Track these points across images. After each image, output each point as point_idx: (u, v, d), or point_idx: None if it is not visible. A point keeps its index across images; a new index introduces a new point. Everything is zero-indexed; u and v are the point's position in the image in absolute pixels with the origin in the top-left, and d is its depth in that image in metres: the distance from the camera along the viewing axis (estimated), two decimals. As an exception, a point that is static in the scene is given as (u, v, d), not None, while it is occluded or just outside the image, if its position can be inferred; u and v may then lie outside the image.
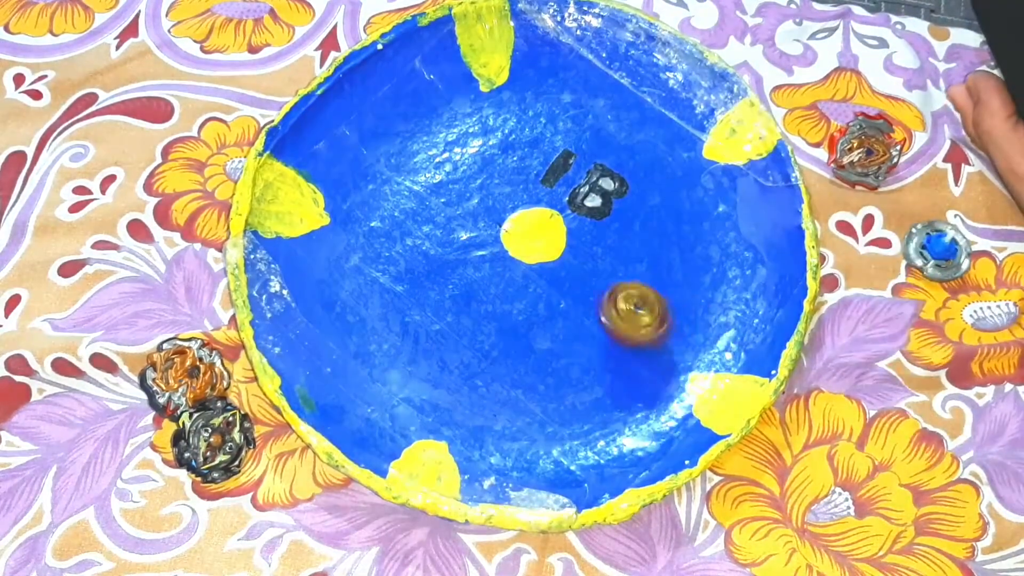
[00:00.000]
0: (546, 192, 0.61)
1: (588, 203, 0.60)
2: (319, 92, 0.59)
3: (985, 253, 0.60)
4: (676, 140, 0.61)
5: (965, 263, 0.59)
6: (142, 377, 0.54)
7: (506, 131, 0.62)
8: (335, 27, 0.67)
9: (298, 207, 0.58)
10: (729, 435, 0.51)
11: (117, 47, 0.66)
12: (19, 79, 0.64)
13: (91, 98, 0.64)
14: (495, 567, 0.51)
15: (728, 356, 0.55)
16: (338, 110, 0.60)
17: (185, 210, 0.60)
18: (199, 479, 0.52)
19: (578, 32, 0.63)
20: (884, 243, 0.60)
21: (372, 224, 0.59)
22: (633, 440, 0.53)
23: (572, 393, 0.55)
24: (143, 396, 0.54)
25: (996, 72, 0.64)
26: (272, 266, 0.56)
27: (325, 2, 0.68)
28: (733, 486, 0.53)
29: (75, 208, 0.60)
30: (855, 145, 0.61)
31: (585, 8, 0.62)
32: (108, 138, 0.62)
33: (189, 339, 0.55)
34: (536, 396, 0.55)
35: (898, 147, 0.61)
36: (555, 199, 0.61)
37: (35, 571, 0.50)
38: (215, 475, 0.52)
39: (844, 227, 0.61)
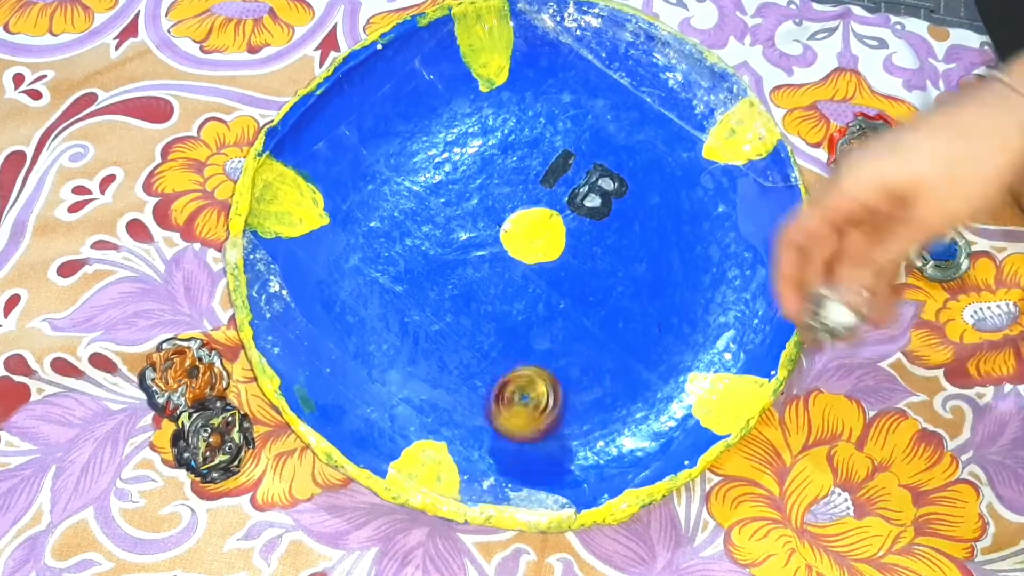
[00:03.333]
0: (546, 192, 0.61)
1: (588, 203, 0.60)
2: (319, 92, 0.59)
3: (985, 253, 0.60)
4: (676, 140, 0.61)
5: (965, 263, 0.59)
6: (141, 377, 0.54)
7: (506, 131, 0.62)
8: (335, 27, 0.67)
9: (297, 207, 0.58)
10: (728, 435, 0.51)
11: (117, 47, 0.66)
12: (19, 79, 0.64)
13: (91, 98, 0.64)
14: (494, 567, 0.51)
15: (728, 356, 0.55)
16: (338, 110, 0.60)
17: (184, 210, 0.60)
18: (198, 479, 0.52)
19: (578, 32, 0.63)
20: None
21: (372, 224, 0.59)
22: (632, 440, 0.53)
23: (571, 393, 0.55)
24: (142, 396, 0.54)
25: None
26: (271, 266, 0.56)
27: (325, 2, 0.68)
28: (732, 486, 0.53)
29: (75, 208, 0.60)
30: (855, 145, 0.61)
31: (585, 8, 0.62)
32: (108, 138, 0.62)
33: (188, 339, 0.55)
34: (535, 396, 0.55)
35: (898, 147, 0.61)
36: (555, 199, 0.61)
37: (34, 571, 0.50)
38: (214, 475, 0.52)
39: (844, 227, 0.61)
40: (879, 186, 0.42)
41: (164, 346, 0.55)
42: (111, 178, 0.61)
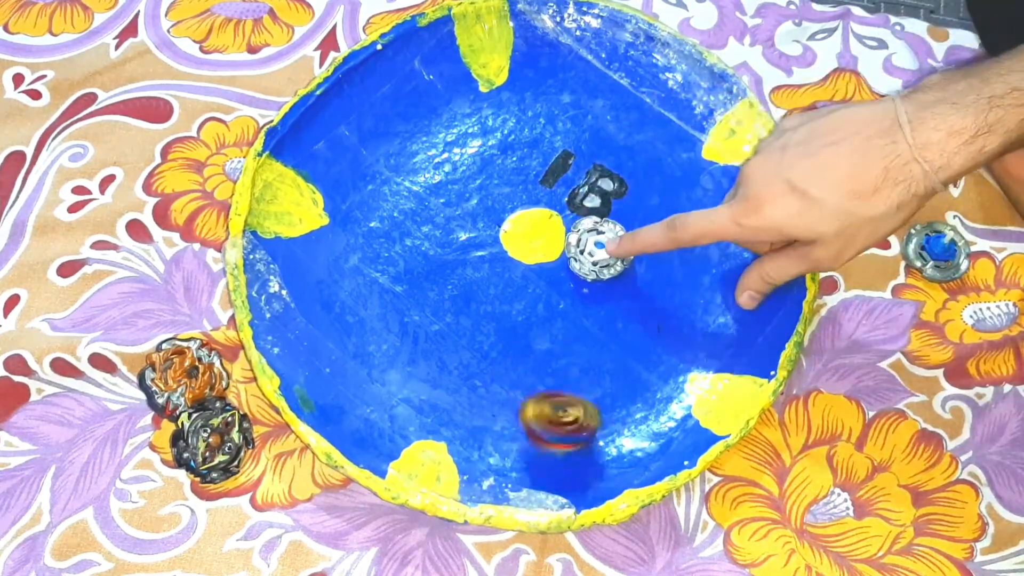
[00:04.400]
0: (545, 192, 0.61)
1: (587, 203, 0.60)
2: (318, 92, 0.59)
3: (984, 254, 0.60)
4: (675, 141, 0.61)
5: (964, 264, 0.59)
6: (141, 377, 0.54)
7: (505, 131, 0.62)
8: (334, 27, 0.67)
9: (297, 207, 0.58)
10: (728, 436, 0.51)
11: (116, 47, 0.66)
12: (18, 79, 0.64)
13: (90, 98, 0.64)
14: (494, 568, 0.51)
15: (727, 357, 0.55)
16: (337, 110, 0.60)
17: (184, 210, 0.60)
18: (198, 479, 0.52)
19: (577, 33, 0.63)
20: (883, 244, 0.60)
21: (371, 224, 0.59)
22: (632, 441, 0.53)
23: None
24: (142, 396, 0.54)
25: None
26: (271, 266, 0.56)
27: (324, 2, 0.68)
28: (732, 487, 0.53)
29: (74, 208, 0.60)
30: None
31: (584, 9, 0.62)
32: (107, 138, 0.62)
33: (188, 339, 0.55)
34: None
35: (897, 148, 0.61)
36: (554, 199, 0.61)
37: (34, 571, 0.50)
38: (214, 475, 0.52)
39: (843, 228, 0.61)
40: (782, 233, 0.47)
41: (164, 346, 0.55)
42: (111, 178, 0.61)
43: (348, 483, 0.53)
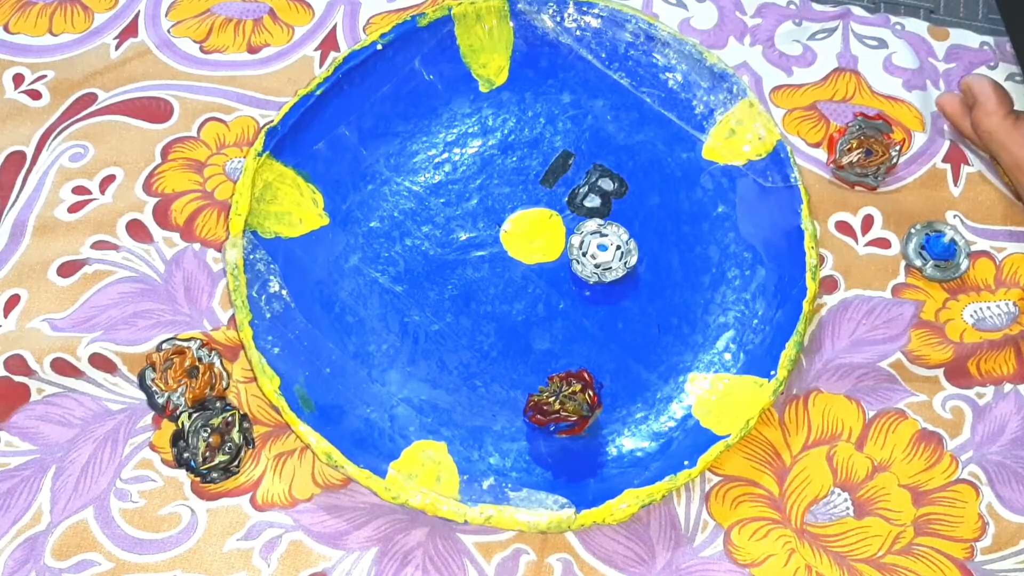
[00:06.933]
0: (545, 192, 0.61)
1: (587, 203, 0.60)
2: (318, 92, 0.59)
3: (984, 253, 0.60)
4: (675, 140, 0.61)
5: (964, 263, 0.59)
6: (141, 377, 0.54)
7: (505, 131, 0.62)
8: (335, 27, 0.67)
9: (297, 207, 0.58)
10: (728, 435, 0.51)
11: (116, 47, 0.66)
12: (18, 79, 0.64)
13: (90, 98, 0.64)
14: (494, 567, 0.51)
15: (727, 356, 0.55)
16: (337, 110, 0.60)
17: (184, 210, 0.60)
18: (198, 479, 0.52)
19: (577, 32, 0.63)
20: (883, 243, 0.60)
21: (371, 224, 0.59)
22: (632, 440, 0.53)
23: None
24: (142, 396, 0.54)
25: (989, 73, 0.64)
26: (271, 266, 0.56)
27: (325, 2, 0.68)
28: (732, 486, 0.53)
29: (74, 208, 0.60)
30: (854, 145, 0.61)
31: (584, 8, 0.62)
32: (107, 138, 0.62)
33: (188, 339, 0.55)
34: (535, 396, 0.55)
35: (897, 147, 0.61)
36: (554, 199, 0.61)
37: (34, 571, 0.50)
38: (214, 475, 0.52)
39: (843, 227, 0.61)
40: None
41: (164, 346, 0.55)
42: (111, 178, 0.61)
43: (348, 483, 0.53)
